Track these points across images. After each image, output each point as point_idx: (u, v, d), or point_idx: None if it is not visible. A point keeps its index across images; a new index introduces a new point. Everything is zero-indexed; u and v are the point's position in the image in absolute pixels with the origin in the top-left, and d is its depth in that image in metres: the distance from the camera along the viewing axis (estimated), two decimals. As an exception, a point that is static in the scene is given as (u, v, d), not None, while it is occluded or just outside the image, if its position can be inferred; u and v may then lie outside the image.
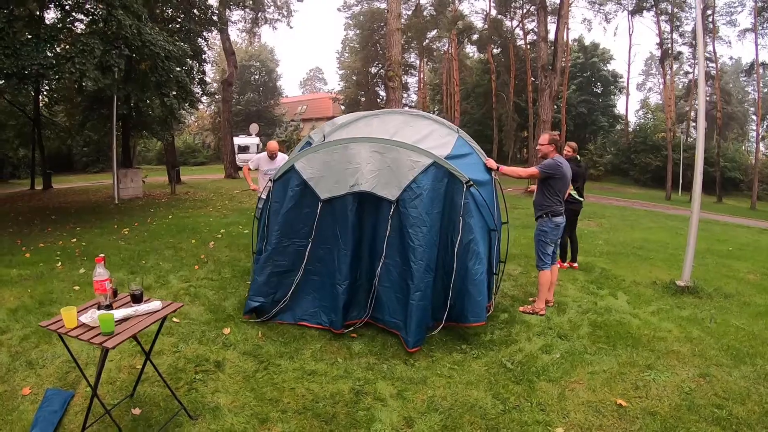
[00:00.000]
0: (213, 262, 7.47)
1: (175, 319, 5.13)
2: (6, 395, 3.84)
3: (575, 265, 7.57)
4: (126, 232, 10.35)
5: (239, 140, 31.71)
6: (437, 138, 5.04)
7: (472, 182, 4.50)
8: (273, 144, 7.42)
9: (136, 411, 3.52)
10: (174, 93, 15.54)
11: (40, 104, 22.70)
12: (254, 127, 33.52)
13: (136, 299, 3.20)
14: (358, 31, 45.41)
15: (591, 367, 4.25)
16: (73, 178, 29.46)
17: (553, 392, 3.84)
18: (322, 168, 4.75)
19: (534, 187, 5.65)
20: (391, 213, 4.50)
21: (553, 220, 5.32)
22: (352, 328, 4.80)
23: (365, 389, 3.83)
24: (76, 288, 6.22)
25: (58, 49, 11.25)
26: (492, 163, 5.29)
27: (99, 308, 3.04)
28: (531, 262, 5.87)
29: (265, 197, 5.24)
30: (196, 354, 4.39)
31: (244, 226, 10.53)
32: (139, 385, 3.76)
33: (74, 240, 9.64)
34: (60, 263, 7.61)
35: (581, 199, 7.30)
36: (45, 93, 21.95)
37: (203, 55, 21.05)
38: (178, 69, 14.76)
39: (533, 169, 5.42)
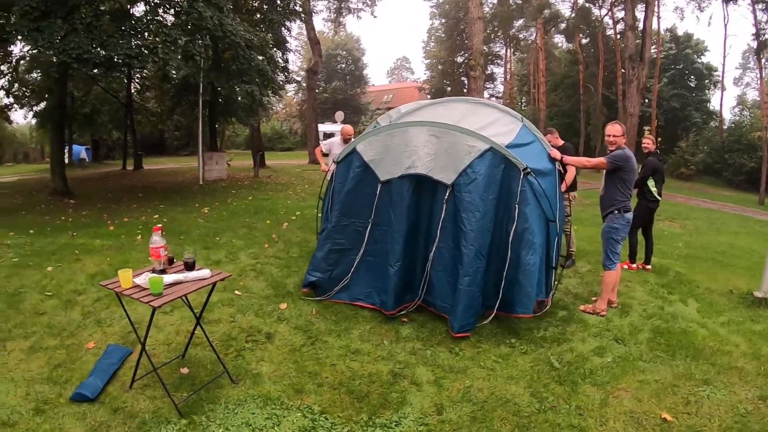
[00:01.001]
0: (283, 242, 7.85)
1: (237, 292, 5.55)
2: (73, 347, 4.38)
3: (648, 266, 7.13)
4: (206, 211, 11.12)
5: (324, 127, 32.61)
6: (500, 126, 5.00)
7: (529, 170, 4.43)
8: (348, 128, 7.54)
9: (184, 370, 3.87)
10: (256, 81, 16.31)
11: (132, 91, 24.89)
12: (339, 115, 34.25)
13: (189, 267, 3.51)
14: (443, 20, 45.20)
15: (642, 376, 4.02)
16: (164, 160, 31.76)
17: (596, 397, 3.68)
18: (382, 150, 4.90)
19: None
20: (446, 197, 4.54)
21: (624, 216, 5.03)
22: (404, 312, 4.87)
23: (404, 372, 3.89)
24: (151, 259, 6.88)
25: (141, 41, 12.26)
26: (556, 154, 5.15)
27: (153, 272, 3.39)
28: (601, 261, 5.61)
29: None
30: (250, 325, 4.71)
31: (320, 209, 10.89)
32: (191, 348, 4.12)
33: (156, 216, 10.50)
34: (140, 236, 8.35)
35: (659, 198, 6.88)
36: (136, 80, 24.38)
37: (286, 44, 21.92)
38: (260, 58, 15.49)
39: (600, 160, 5.16)
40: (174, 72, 14.88)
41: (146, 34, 12.45)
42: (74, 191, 14.78)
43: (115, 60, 11.08)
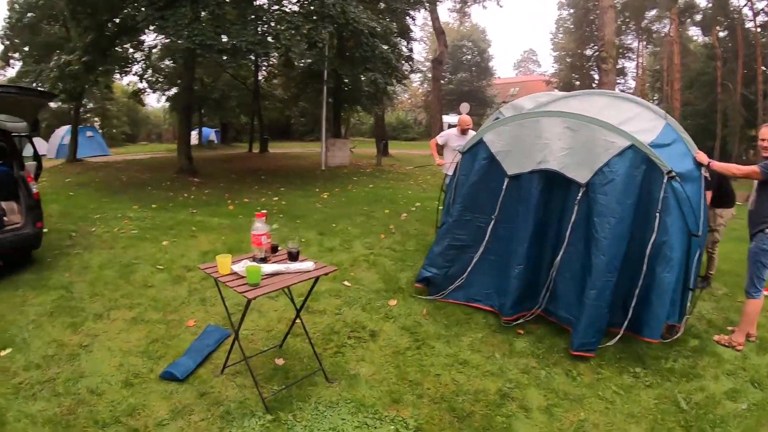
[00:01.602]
0: (400, 234, 7.74)
1: (346, 283, 5.47)
2: (173, 323, 4.53)
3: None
4: (325, 197, 11.44)
5: (449, 118, 32.68)
6: (641, 122, 4.60)
7: (674, 174, 4.03)
8: (465, 118, 7.39)
9: (280, 361, 3.78)
10: (380, 69, 16.68)
11: (260, 78, 26.96)
12: (465, 106, 33.85)
13: (292, 257, 3.38)
14: (572, 10, 44.14)
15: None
16: (289, 145, 33.91)
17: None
18: (511, 142, 4.69)
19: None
20: (579, 197, 4.27)
21: None
22: (521, 320, 4.53)
23: (513, 393, 3.50)
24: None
25: (264, 28, 13.11)
26: (703, 157, 4.61)
27: (254, 260, 3.29)
28: (740, 283, 4.75)
29: (451, 173, 5.49)
30: (355, 320, 4.57)
31: (441, 201, 10.68)
32: (290, 337, 4.04)
33: (276, 198, 11.01)
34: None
35: None
36: (264, 68, 26.53)
37: (410, 33, 22.46)
38: (384, 47, 15.93)
39: (752, 168, 4.36)
40: (298, 59, 15.66)
41: (269, 21, 13.36)
42: (199, 170, 16.08)
43: (238, 47, 11.91)
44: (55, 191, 12.33)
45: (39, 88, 12.50)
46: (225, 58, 12.72)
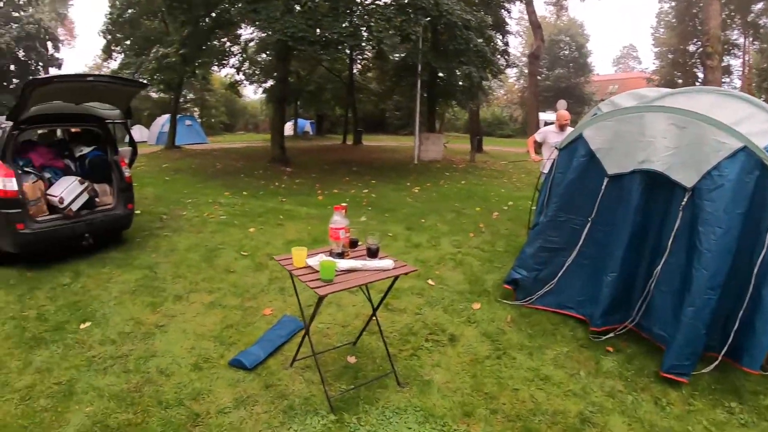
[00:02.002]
0: (490, 233, 7.52)
1: (430, 281, 5.36)
2: (250, 310, 4.63)
3: None
4: (416, 191, 11.40)
5: (546, 116, 31.98)
6: (756, 123, 4.07)
7: None
8: (564, 113, 7.19)
9: (352, 359, 3.72)
10: (474, 62, 16.56)
11: (354, 71, 27.57)
12: (562, 103, 32.73)
13: (371, 254, 3.29)
14: (673, 3, 42.27)
15: None
16: (383, 138, 34.44)
17: None
18: (612, 138, 4.42)
19: None
20: (683, 203, 3.90)
21: None
22: (611, 334, 4.20)
23: (595, 419, 3.18)
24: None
25: (355, 20, 13.40)
26: None
27: (330, 255, 3.25)
28: None
29: (546, 171, 5.36)
30: (435, 321, 4.43)
31: (535, 201, 10.33)
32: (367, 335, 3.98)
33: (366, 191, 11.11)
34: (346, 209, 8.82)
35: None
36: (358, 61, 27.25)
37: (506, 27, 22.39)
38: (479, 40, 15.77)
39: None
40: (390, 51, 15.93)
41: (361, 14, 13.73)
42: (292, 160, 16.66)
43: (330, 39, 12.35)
44: (152, 176, 13.22)
45: (129, 78, 13.50)
46: (317, 50, 13.08)
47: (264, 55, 23.78)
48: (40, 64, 35.91)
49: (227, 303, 4.77)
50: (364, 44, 14.27)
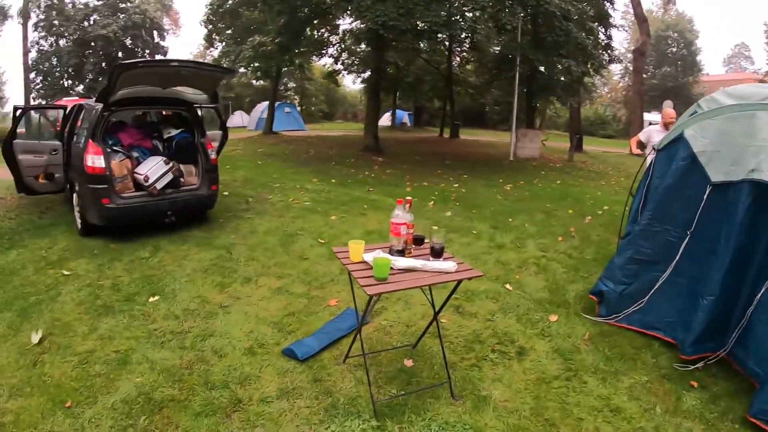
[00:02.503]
0: (580, 238, 6.99)
1: (508, 286, 5.00)
2: (316, 299, 4.55)
3: None
4: (508, 188, 10.95)
5: (651, 116, 30.15)
6: None
7: None
8: (669, 111, 6.57)
9: (408, 363, 3.51)
10: (574, 55, 15.91)
11: (453, 63, 27.04)
12: (668, 103, 30.63)
13: (435, 253, 3.04)
14: None
15: None
16: (481, 132, 33.53)
17: None
18: (717, 140, 3.82)
19: None
20: None
21: None
22: (700, 364, 3.65)
23: None
24: (434, 227, 6.89)
25: (448, 9, 13.02)
26: None
27: (390, 252, 3.03)
28: None
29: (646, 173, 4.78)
30: (506, 330, 4.10)
31: (629, 207, 9.60)
32: (428, 337, 3.73)
33: (456, 185, 10.80)
34: (432, 203, 8.66)
35: None
36: (456, 53, 26.73)
37: (609, 19, 20.98)
38: (581, 33, 15.15)
39: None
40: (485, 41, 15.48)
41: (454, 2, 13.41)
42: (385, 150, 16.66)
43: (422, 27, 12.25)
44: (246, 159, 13.67)
45: (214, 64, 13.98)
46: (410, 39, 12.96)
47: (363, 46, 24.03)
48: (147, 51, 38.71)
49: (294, 290, 4.73)
50: (457, 32, 13.95)
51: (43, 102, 34.25)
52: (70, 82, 38.12)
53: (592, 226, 7.80)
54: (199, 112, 7.17)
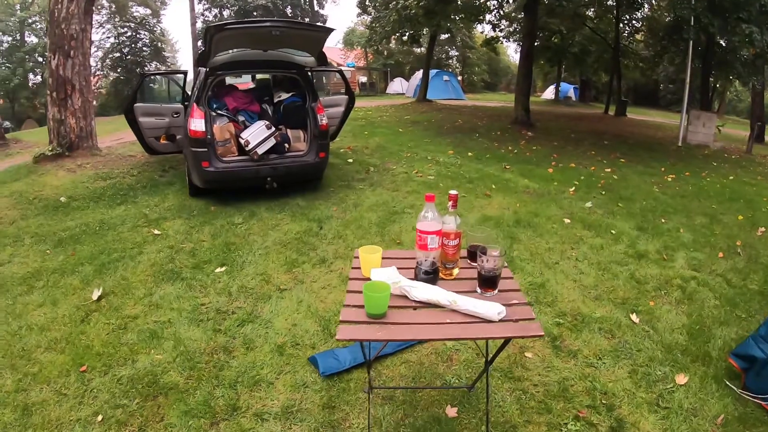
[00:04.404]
0: (747, 258, 5.18)
1: (633, 316, 3.66)
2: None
3: None
4: (669, 179, 8.96)
5: None
6: None
7: None
8: None
9: (452, 411, 2.59)
10: (757, 20, 11.98)
11: (622, 33, 23.58)
12: None
13: (485, 282, 1.93)
14: None
15: None
16: (652, 113, 29.29)
17: None
18: None
19: None
20: None
21: None
22: None
23: None
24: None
25: None
26: None
27: (416, 273, 2.04)
28: None
29: None
30: (607, 388, 2.85)
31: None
32: (500, 380, 2.85)
33: (608, 170, 9.14)
34: (573, 189, 7.27)
35: None
36: (625, 21, 23.36)
37: None
38: None
39: None
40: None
41: None
42: (536, 124, 15.12)
43: None
44: (387, 126, 13.15)
45: (310, 23, 13.33)
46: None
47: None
48: (306, 19, 39.31)
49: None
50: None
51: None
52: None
53: (764, 241, 5.89)
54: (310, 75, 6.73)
